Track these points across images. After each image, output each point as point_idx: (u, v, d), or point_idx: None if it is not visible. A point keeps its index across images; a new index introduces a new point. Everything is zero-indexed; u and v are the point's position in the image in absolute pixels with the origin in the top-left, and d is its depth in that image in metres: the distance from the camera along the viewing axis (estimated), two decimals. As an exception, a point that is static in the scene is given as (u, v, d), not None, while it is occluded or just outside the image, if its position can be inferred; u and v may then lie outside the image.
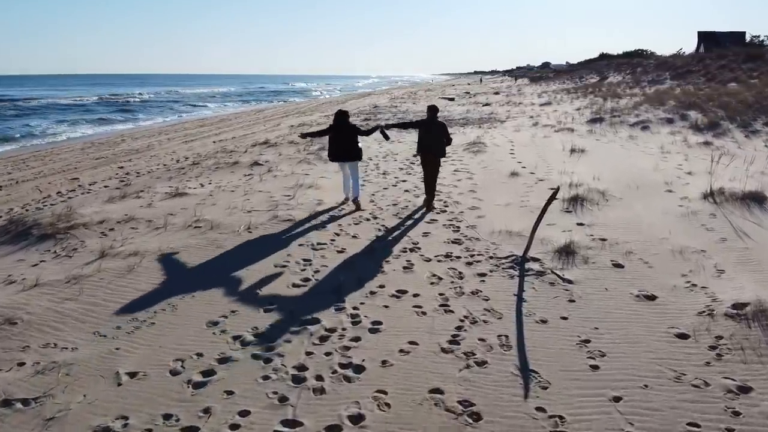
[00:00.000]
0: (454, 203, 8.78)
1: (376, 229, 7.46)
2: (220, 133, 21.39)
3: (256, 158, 12.95)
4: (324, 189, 9.78)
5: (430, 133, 8.68)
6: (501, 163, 12.15)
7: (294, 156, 13.27)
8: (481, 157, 13.09)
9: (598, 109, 22.45)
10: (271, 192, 9.54)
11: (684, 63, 36.68)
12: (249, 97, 61.48)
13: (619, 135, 16.08)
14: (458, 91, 51.70)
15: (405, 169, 11.90)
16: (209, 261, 6.15)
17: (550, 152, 13.55)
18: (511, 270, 5.87)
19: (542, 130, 17.89)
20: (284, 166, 12.00)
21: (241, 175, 11.30)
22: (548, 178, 10.45)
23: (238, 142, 17.94)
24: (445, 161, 12.71)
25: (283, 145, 15.04)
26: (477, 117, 23.85)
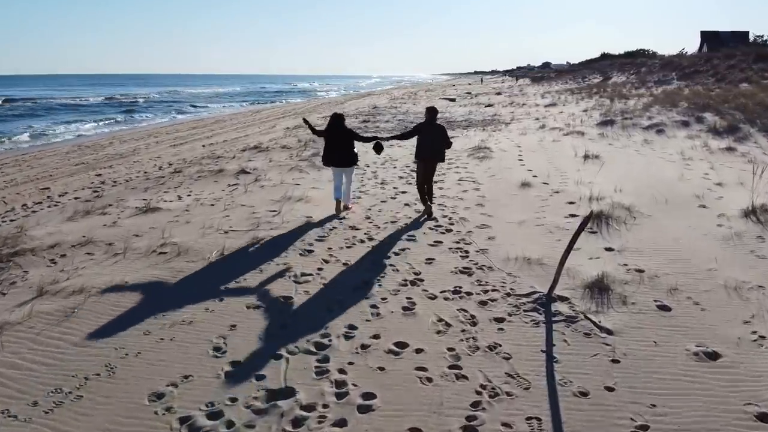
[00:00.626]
0: (461, 220, 7.68)
1: (370, 254, 6.37)
2: (212, 136, 20.30)
3: (243, 165, 11.85)
4: (314, 202, 8.69)
5: (431, 137, 7.90)
6: (509, 172, 11.05)
7: (285, 162, 12.17)
8: (487, 164, 12.00)
9: (607, 111, 21.34)
10: (255, 206, 8.45)
11: (691, 63, 35.55)
12: (251, 98, 60.18)
13: (633, 139, 14.98)
14: (459, 91, 50.56)
15: (405, 178, 10.81)
16: (168, 299, 5.05)
17: (561, 158, 12.46)
18: (535, 313, 4.78)
19: (550, 133, 16.79)
20: (273, 175, 10.90)
21: (224, 185, 10.20)
22: (564, 189, 9.35)
23: (229, 146, 16.85)
24: (449, 168, 11.66)
25: (274, 150, 13.95)
26: (480, 119, 22.75)
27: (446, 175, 11.00)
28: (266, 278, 5.55)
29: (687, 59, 37.43)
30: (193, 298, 5.07)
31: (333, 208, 8.15)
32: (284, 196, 8.97)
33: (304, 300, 5.09)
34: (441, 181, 10.38)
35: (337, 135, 8.04)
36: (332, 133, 8.07)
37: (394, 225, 7.48)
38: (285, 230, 7.15)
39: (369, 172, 11.39)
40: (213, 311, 4.81)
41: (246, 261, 6.05)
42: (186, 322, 4.61)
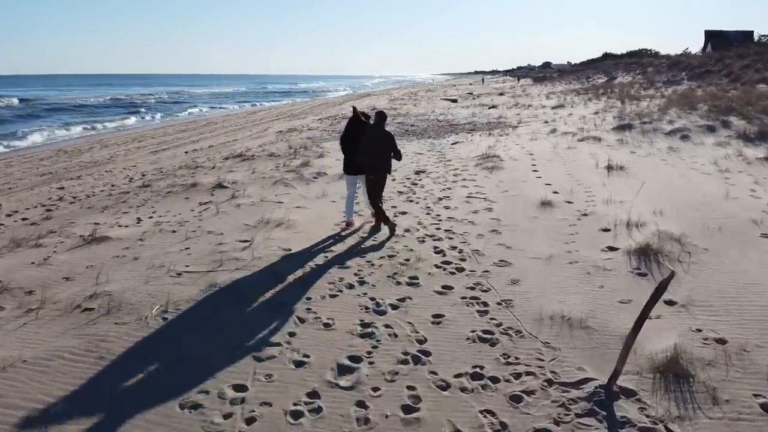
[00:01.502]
0: (474, 254, 6.17)
1: (361, 307, 4.86)
2: (198, 140, 18.78)
3: (221, 178, 10.34)
4: (296, 227, 7.18)
5: (374, 143, 6.99)
6: (525, 186, 9.54)
7: (269, 174, 10.66)
8: (498, 176, 10.48)
9: (621, 114, 19.82)
10: (224, 234, 6.94)
11: (701, 63, 33.98)
12: (258, 98, 58.32)
13: (657, 146, 13.45)
14: (460, 91, 49.00)
15: (405, 193, 9.31)
16: (74, 394, 3.56)
17: (581, 169, 10.95)
18: (593, 420, 3.28)
19: (563, 138, 15.26)
20: (254, 190, 9.40)
21: (195, 203, 8.70)
22: (593, 210, 7.84)
23: (214, 152, 15.33)
24: (455, 181, 10.16)
25: (260, 159, 12.44)
26: (485, 122, 21.22)
27: (453, 189, 9.50)
28: (214, 354, 4.04)
29: (696, 59, 35.87)
30: (109, 390, 3.57)
31: (317, 235, 6.67)
32: (261, 220, 7.46)
33: (263, 393, 3.59)
34: (447, 198, 8.88)
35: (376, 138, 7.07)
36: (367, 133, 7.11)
37: (391, 262, 5.97)
38: (254, 270, 5.64)
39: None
40: (131, 422, 3.31)
41: (193, 322, 4.54)
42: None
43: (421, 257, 6.04)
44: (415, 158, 13.05)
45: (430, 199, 8.90)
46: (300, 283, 5.33)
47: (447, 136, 17.52)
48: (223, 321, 4.55)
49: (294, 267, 5.75)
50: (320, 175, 10.51)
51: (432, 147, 15.05)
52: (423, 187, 9.86)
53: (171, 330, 4.40)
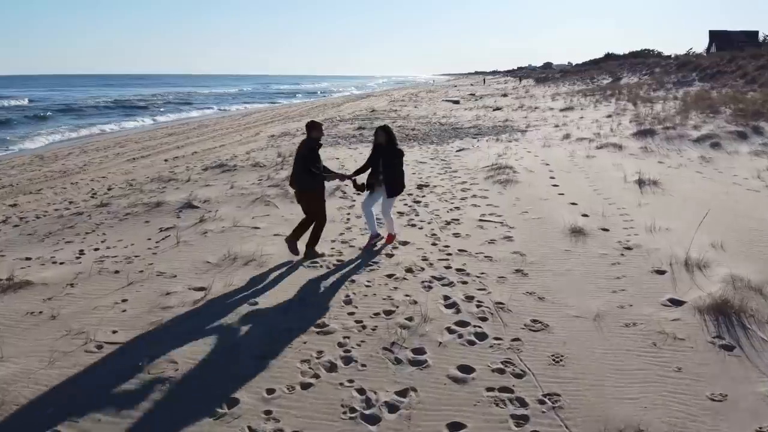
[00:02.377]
0: (498, 309, 4.67)
1: (344, 408, 3.36)
2: (184, 146, 17.27)
3: (193, 195, 8.83)
4: (270, 266, 5.68)
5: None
6: (547, 206, 8.04)
7: (249, 189, 9.16)
8: (513, 192, 8.98)
9: (637, 117, 18.30)
10: (177, 277, 5.44)
11: (712, 63, 32.43)
12: (266, 99, 56.69)
13: (686, 155, 11.94)
14: (462, 92, 47.45)
15: (407, 215, 7.82)
16: None
17: (608, 183, 9.44)
18: None
19: (579, 145, 13.75)
20: (227, 211, 7.90)
21: (155, 229, 7.20)
22: (636, 241, 6.32)
23: (196, 159, 13.84)
24: (463, 198, 8.66)
25: (242, 170, 10.92)
26: (490, 125, 19.70)
27: (462, 209, 7.99)
28: None
29: (706, 59, 34.32)
30: None
31: (295, 278, 5.20)
32: (228, 255, 5.95)
33: None
34: (456, 222, 7.38)
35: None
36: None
37: (387, 325, 4.45)
38: (199, 340, 4.13)
39: (347, 207, 8.37)
40: None
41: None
42: None
43: (429, 316, 4.53)
44: (417, 168, 11.54)
45: (437, 222, 7.40)
46: (260, 363, 3.82)
47: (451, 141, 16.01)
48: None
49: (256, 335, 4.24)
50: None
51: (435, 154, 13.55)
52: (427, 206, 8.36)
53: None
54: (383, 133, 6.15)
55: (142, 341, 4.11)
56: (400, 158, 6.18)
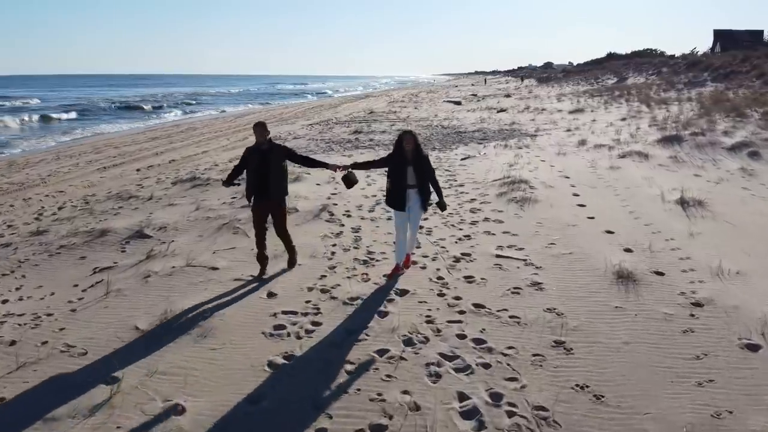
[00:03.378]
0: (538, 418, 3.12)
1: None
2: (164, 152, 15.69)
3: (150, 218, 7.29)
4: (218, 339, 4.11)
5: (268, 165, 5.20)
6: (577, 234, 6.48)
7: (217, 210, 7.60)
8: (533, 214, 7.42)
9: (654, 120, 16.75)
10: (89, 353, 3.88)
11: (725, 63, 30.83)
12: (275, 99, 54.99)
13: (724, 166, 10.38)
14: (463, 93, 45.81)
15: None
16: None
17: (643, 203, 7.88)
18: None
19: (598, 153, 12.19)
20: (185, 242, 6.36)
21: (88, 270, 5.64)
22: (706, 294, 4.75)
23: (171, 169, 12.29)
24: (474, 222, 7.12)
25: (216, 185, 9.33)
26: (496, 129, 18.12)
27: (474, 239, 6.44)
28: None
29: (718, 59, 32.70)
30: None
31: (250, 360, 3.66)
32: (166, 315, 4.40)
33: None
34: (467, 257, 5.83)
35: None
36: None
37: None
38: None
39: (329, 237, 6.82)
40: None
41: None
42: None
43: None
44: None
45: (443, 258, 5.85)
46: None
47: (454, 147, 14.44)
48: None
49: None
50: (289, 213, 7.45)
51: (438, 163, 11.99)
52: (431, 232, 6.81)
53: None
54: (411, 138, 5.09)
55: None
56: (429, 164, 5.24)
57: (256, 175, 5.13)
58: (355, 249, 6.22)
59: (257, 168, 5.12)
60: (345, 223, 7.25)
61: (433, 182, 5.26)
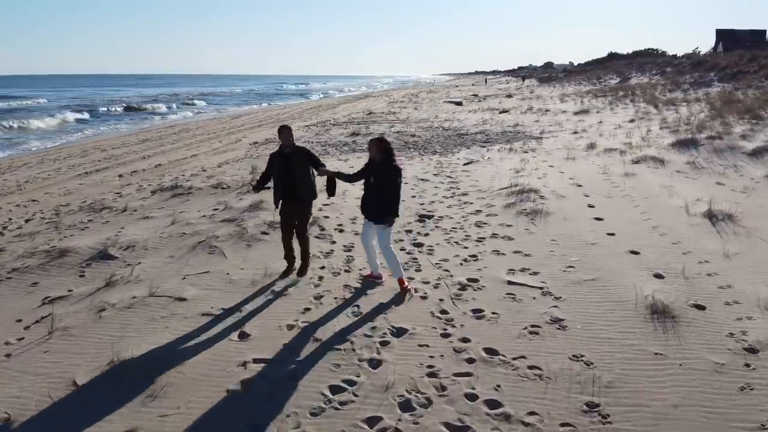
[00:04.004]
0: None
1: None
2: (152, 155, 14.90)
3: (117, 236, 6.50)
4: (172, 393, 3.35)
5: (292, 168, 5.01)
6: (598, 255, 5.70)
7: (195, 227, 6.81)
8: (545, 230, 6.64)
9: (664, 122, 15.96)
10: (13, 425, 3.12)
11: (731, 62, 30.03)
12: (270, 98, 54.06)
13: (747, 173, 9.59)
14: (463, 93, 44.98)
15: (405, 268, 5.48)
16: None
17: (666, 216, 7.09)
18: None
19: (609, 158, 11.40)
20: (151, 265, 5.57)
21: (36, 301, 4.85)
22: (759, 336, 3.97)
23: (155, 175, 11.51)
24: (481, 239, 6.34)
25: (198, 195, 8.57)
26: (499, 131, 17.33)
27: (481, 260, 5.65)
28: None
29: (724, 58, 31.89)
30: None
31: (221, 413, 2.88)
32: (113, 363, 3.62)
33: None
34: (474, 284, 5.04)
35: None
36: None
37: None
38: None
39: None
40: None
41: None
42: None
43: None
44: (418, 188, 9.23)
45: (446, 285, 5.07)
46: None
47: (456, 150, 13.67)
48: None
49: None
50: (274, 228, 6.67)
51: (439, 168, 11.22)
52: (432, 251, 6.02)
53: None
54: (375, 145, 4.72)
55: None
56: (395, 177, 4.69)
57: (282, 178, 5.03)
58: (346, 272, 5.44)
59: (283, 171, 5.02)
60: (336, 239, 6.46)
61: (389, 195, 4.68)
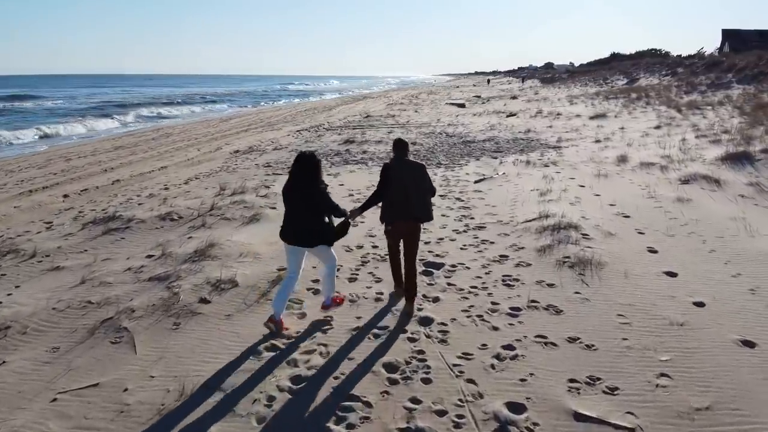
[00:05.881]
0: None
1: None
2: (116, 168, 12.81)
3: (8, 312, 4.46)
4: None
5: (405, 183, 4.26)
6: (696, 345, 3.68)
7: (107, 291, 4.76)
8: (604, 294, 4.61)
9: (696, 128, 13.93)
10: None
11: (749, 63, 27.96)
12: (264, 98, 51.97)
13: (832, 198, 7.57)
14: (465, 94, 42.86)
15: (402, 372, 3.45)
16: None
17: (760, 271, 5.09)
18: None
19: (649, 175, 9.38)
20: (21, 363, 3.56)
21: None
22: None
23: (107, 195, 9.48)
24: (516, 310, 4.29)
25: (138, 231, 6.52)
26: (510, 137, 15.28)
27: (523, 356, 3.63)
28: None
29: (741, 58, 29.81)
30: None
31: None
32: None
33: None
34: (519, 414, 3.02)
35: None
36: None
37: None
38: None
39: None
40: None
41: None
42: None
43: None
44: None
45: (472, 418, 3.05)
46: None
47: (463, 161, 11.66)
48: None
49: None
50: (220, 292, 4.64)
51: (446, 186, 9.22)
52: (446, 338, 3.99)
53: None
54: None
55: None
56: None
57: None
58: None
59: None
60: (308, 313, 4.44)
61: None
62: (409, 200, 4.22)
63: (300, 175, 3.83)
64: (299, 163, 3.85)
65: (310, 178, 3.82)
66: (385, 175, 4.29)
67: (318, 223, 3.91)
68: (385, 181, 4.27)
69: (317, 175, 3.88)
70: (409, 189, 4.22)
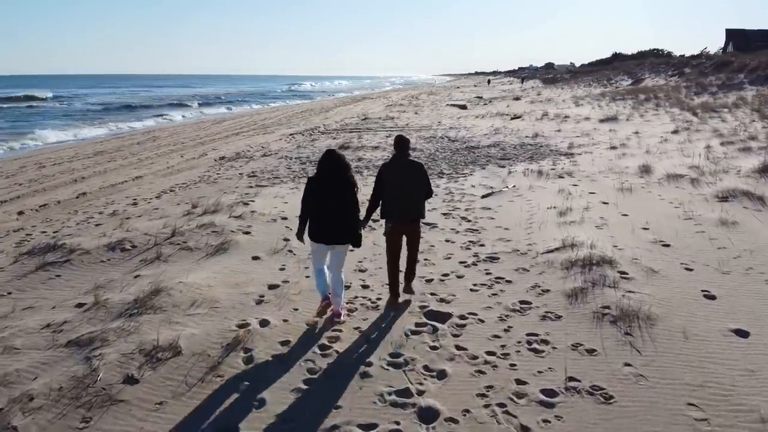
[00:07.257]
0: None
1: None
2: (88, 177, 11.63)
3: None
4: None
5: (399, 183, 4.30)
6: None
7: (16, 361, 3.60)
8: (664, 367, 3.44)
9: (718, 134, 12.77)
10: None
11: (761, 63, 26.75)
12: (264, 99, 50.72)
13: None
14: (467, 95, 41.64)
15: None
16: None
17: None
18: None
19: (678, 189, 8.23)
20: None
21: None
22: None
23: (67, 212, 8.34)
24: (547, 388, 3.04)
25: (79, 264, 5.37)
26: (517, 143, 14.10)
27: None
28: None
29: (752, 59, 28.60)
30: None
31: None
32: None
33: None
34: None
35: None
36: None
37: None
38: None
39: None
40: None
41: None
42: None
43: None
44: (424, 243, 5.96)
45: None
46: None
47: (468, 170, 10.50)
48: None
49: None
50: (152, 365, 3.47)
51: (450, 201, 8.07)
52: None
53: None
54: None
55: None
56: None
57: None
58: None
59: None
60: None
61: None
62: (404, 201, 4.27)
63: (337, 170, 3.87)
64: (332, 161, 3.91)
65: (347, 175, 3.91)
66: (379, 176, 4.32)
67: (353, 219, 3.98)
68: (379, 182, 4.30)
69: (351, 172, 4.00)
70: (404, 189, 4.25)
